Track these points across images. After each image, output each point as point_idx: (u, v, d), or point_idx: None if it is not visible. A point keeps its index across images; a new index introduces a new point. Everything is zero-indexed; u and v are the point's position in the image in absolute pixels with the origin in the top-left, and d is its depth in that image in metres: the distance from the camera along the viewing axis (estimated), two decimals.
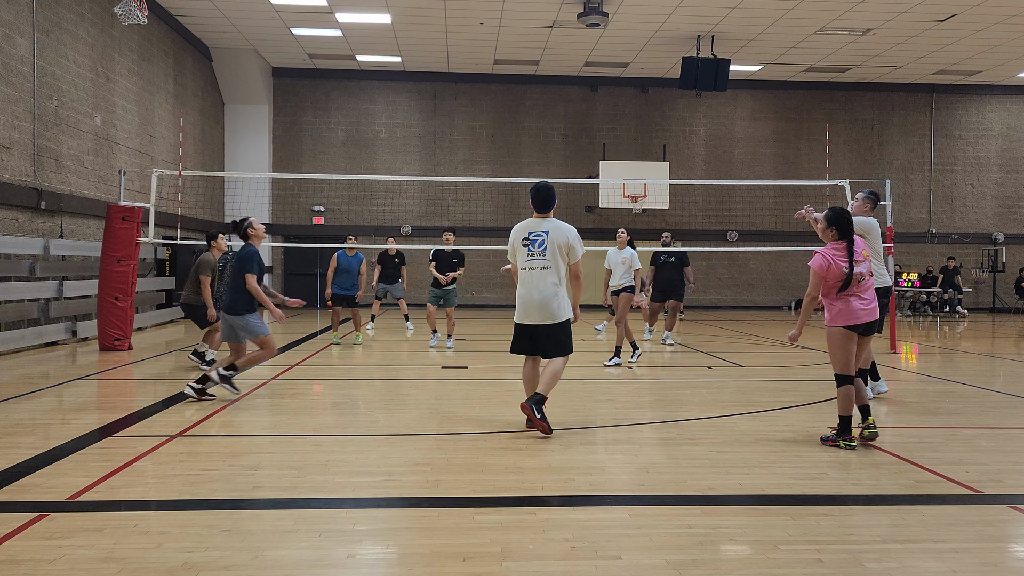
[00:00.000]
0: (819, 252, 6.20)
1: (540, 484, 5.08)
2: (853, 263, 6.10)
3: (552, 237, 6.58)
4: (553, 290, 6.53)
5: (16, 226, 12.53)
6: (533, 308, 6.56)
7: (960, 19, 18.43)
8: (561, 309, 6.57)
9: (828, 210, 6.32)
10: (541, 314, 6.55)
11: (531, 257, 6.59)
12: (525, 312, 6.62)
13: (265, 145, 23.66)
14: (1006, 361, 12.35)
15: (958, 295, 24.14)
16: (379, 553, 3.95)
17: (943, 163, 25.68)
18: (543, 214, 6.77)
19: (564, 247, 6.59)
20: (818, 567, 3.76)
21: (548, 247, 6.57)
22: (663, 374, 10.72)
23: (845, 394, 6.14)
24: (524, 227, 6.73)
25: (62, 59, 13.82)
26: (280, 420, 7.19)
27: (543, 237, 6.60)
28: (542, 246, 6.58)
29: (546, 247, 6.57)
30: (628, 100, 24.86)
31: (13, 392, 8.34)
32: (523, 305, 6.63)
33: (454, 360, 11.45)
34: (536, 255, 6.58)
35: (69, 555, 3.79)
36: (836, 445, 6.13)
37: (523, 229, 6.72)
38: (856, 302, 6.14)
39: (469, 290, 24.61)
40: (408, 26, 19.51)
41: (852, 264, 6.09)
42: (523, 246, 6.65)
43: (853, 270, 6.09)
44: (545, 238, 6.59)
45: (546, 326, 6.57)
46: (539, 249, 6.58)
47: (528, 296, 6.58)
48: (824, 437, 6.30)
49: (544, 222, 6.71)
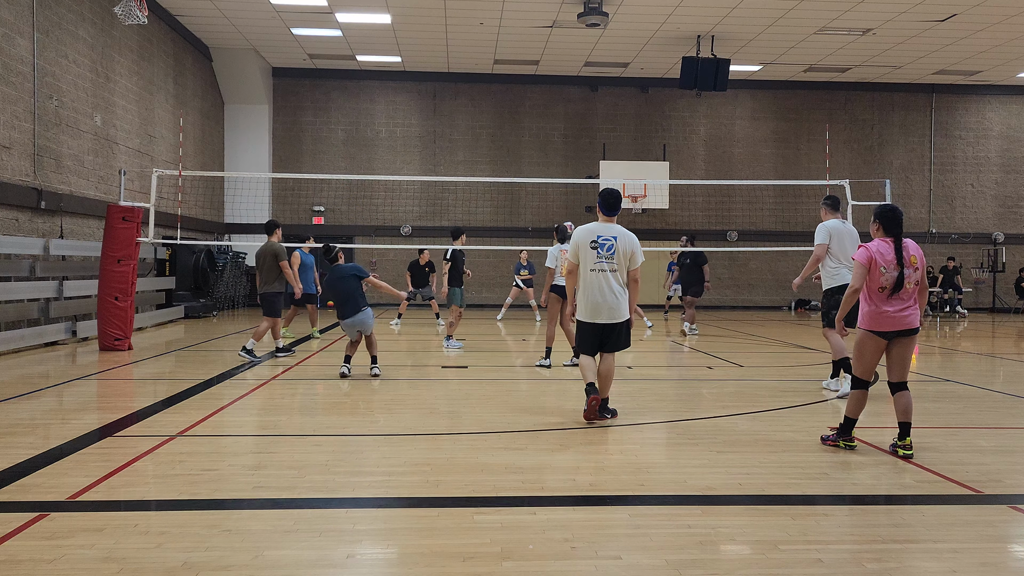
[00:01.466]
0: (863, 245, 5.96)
1: (540, 484, 5.07)
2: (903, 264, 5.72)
3: (620, 243, 6.93)
4: (621, 291, 6.94)
5: (16, 226, 12.54)
6: (604, 308, 6.92)
7: (960, 19, 18.43)
8: (626, 309, 6.99)
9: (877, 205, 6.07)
10: (611, 314, 6.92)
11: (599, 260, 6.90)
12: (595, 311, 6.95)
13: (265, 145, 23.66)
14: (1006, 361, 12.35)
15: (958, 295, 24.14)
16: (379, 553, 3.95)
17: (943, 163, 25.68)
18: (610, 218, 7.05)
19: (629, 253, 6.95)
20: (818, 567, 3.76)
21: (616, 252, 6.90)
22: (663, 374, 10.71)
23: (855, 397, 5.99)
24: (591, 230, 6.98)
25: (62, 59, 13.82)
26: (280, 420, 7.19)
27: (612, 242, 6.91)
28: (611, 250, 6.90)
29: (615, 251, 6.90)
30: (628, 100, 24.86)
31: (13, 392, 8.33)
32: (592, 305, 6.94)
33: (454, 360, 11.45)
34: (605, 258, 6.90)
35: (69, 555, 3.79)
36: (836, 445, 6.06)
37: (591, 232, 6.97)
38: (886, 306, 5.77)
39: (469, 290, 24.61)
40: (408, 26, 19.51)
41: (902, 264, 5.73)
42: (591, 248, 6.92)
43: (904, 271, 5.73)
44: (614, 243, 6.91)
45: (613, 324, 6.95)
46: (608, 253, 6.90)
47: (599, 297, 6.92)
48: (824, 436, 6.25)
49: (612, 227, 7.00)
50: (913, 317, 5.78)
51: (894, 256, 5.73)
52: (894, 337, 5.81)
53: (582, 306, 7.02)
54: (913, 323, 5.78)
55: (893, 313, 5.74)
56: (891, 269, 5.71)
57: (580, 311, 7.05)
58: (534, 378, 10.05)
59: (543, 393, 8.67)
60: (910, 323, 5.77)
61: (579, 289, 7.04)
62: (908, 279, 5.72)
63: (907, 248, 5.79)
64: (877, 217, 5.88)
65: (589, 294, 6.93)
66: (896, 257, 5.72)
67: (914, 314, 5.80)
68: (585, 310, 7.00)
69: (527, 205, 24.52)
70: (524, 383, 9.70)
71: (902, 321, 5.75)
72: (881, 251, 5.77)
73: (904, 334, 5.80)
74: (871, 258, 5.76)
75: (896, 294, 5.73)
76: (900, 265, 5.71)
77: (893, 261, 5.73)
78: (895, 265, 5.71)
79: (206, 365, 10.82)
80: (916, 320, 5.80)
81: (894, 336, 5.81)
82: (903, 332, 5.79)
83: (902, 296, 5.75)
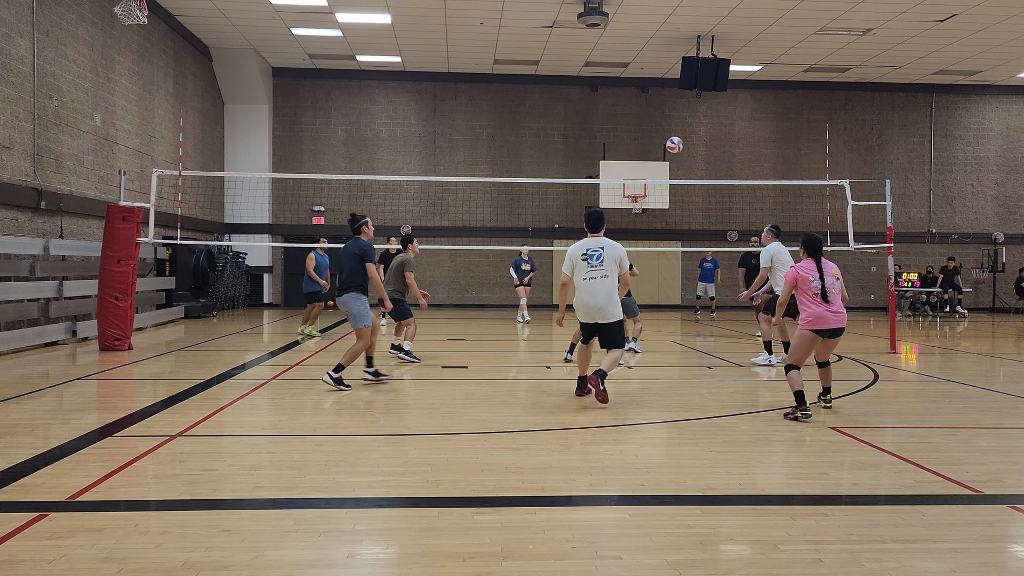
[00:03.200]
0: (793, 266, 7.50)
1: (540, 484, 5.07)
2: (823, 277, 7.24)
3: (608, 252, 7.83)
4: (610, 296, 7.76)
5: (16, 226, 12.53)
6: (594, 311, 7.78)
7: (960, 19, 18.43)
8: (616, 311, 7.81)
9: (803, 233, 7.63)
10: (601, 315, 7.77)
11: (591, 268, 7.79)
12: (588, 314, 7.84)
13: (265, 145, 23.66)
14: (1006, 361, 12.35)
15: (958, 295, 24.13)
16: (379, 553, 3.95)
17: (943, 163, 25.68)
18: (595, 233, 7.97)
19: (617, 259, 7.85)
20: (818, 567, 3.76)
21: (605, 260, 7.79)
22: (663, 374, 10.72)
23: (795, 376, 7.24)
24: (582, 245, 7.93)
25: (62, 59, 13.82)
26: (280, 420, 7.19)
27: (600, 252, 7.82)
28: (599, 259, 7.80)
29: (603, 259, 7.79)
30: (628, 100, 24.86)
31: (13, 392, 8.33)
32: (586, 309, 7.82)
33: (454, 360, 11.45)
34: (595, 267, 7.79)
35: (69, 555, 3.79)
36: (795, 418, 7.08)
37: (581, 247, 7.92)
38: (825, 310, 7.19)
39: (469, 290, 24.63)
40: (408, 26, 19.51)
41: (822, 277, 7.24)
42: (583, 260, 7.83)
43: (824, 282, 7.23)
44: (602, 253, 7.82)
45: (605, 324, 7.81)
46: (597, 262, 7.80)
47: (590, 301, 7.77)
48: (785, 413, 7.24)
49: (599, 240, 7.92)
50: (843, 318, 7.25)
51: (817, 272, 7.27)
52: (828, 336, 7.27)
53: (579, 309, 7.92)
54: (843, 323, 7.27)
55: (830, 317, 7.16)
56: (816, 280, 7.24)
57: (578, 313, 7.96)
58: (534, 378, 10.06)
59: (543, 393, 8.67)
60: (841, 323, 7.23)
61: (575, 296, 7.93)
62: (831, 287, 7.23)
63: (825, 265, 7.35)
64: (803, 245, 7.49)
65: (582, 298, 7.83)
66: (818, 272, 7.26)
67: (843, 315, 7.27)
68: (581, 312, 7.91)
69: (527, 205, 24.52)
70: (524, 383, 9.71)
71: (838, 322, 7.21)
72: (807, 268, 7.32)
73: (837, 333, 7.27)
74: (796, 276, 7.34)
75: (827, 299, 7.17)
76: (821, 278, 7.22)
77: (816, 275, 7.26)
78: (818, 277, 7.24)
79: (206, 365, 10.83)
80: (845, 321, 7.29)
81: (829, 335, 7.26)
82: (837, 331, 7.25)
83: (832, 301, 7.18)
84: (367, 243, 8.88)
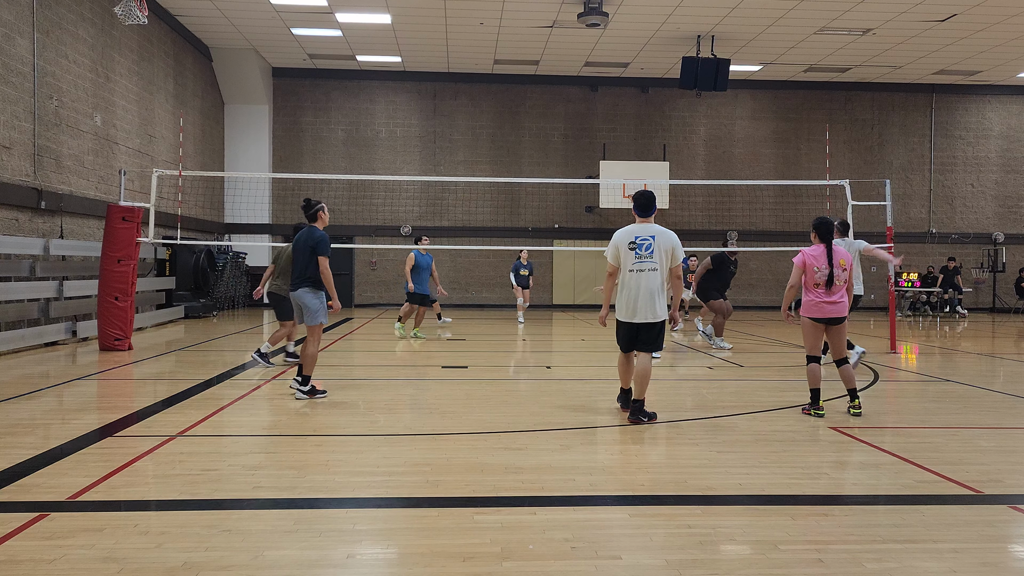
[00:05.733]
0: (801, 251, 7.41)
1: (540, 484, 5.07)
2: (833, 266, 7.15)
3: (659, 241, 6.94)
4: (658, 291, 6.95)
5: (16, 226, 12.53)
6: (641, 307, 6.93)
7: (960, 19, 18.43)
8: (662, 309, 7.04)
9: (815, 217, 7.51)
10: (647, 312, 6.93)
11: (639, 259, 6.93)
12: (632, 311, 6.98)
13: (265, 145, 23.66)
14: (1006, 361, 12.34)
15: (958, 295, 24.13)
16: (379, 553, 3.94)
17: (943, 163, 25.68)
18: (645, 218, 7.08)
19: (669, 250, 6.96)
20: (818, 567, 3.76)
21: (655, 250, 6.92)
22: (663, 374, 10.71)
23: (812, 371, 7.24)
24: (630, 232, 7.02)
25: (62, 59, 13.82)
26: (280, 420, 7.19)
27: (650, 241, 6.93)
28: (649, 249, 6.92)
29: (653, 250, 6.92)
30: (628, 100, 24.86)
31: (13, 392, 8.33)
32: (630, 304, 6.98)
33: (454, 360, 11.45)
34: (644, 258, 6.92)
35: (69, 555, 3.79)
36: (809, 414, 7.25)
37: (629, 234, 7.01)
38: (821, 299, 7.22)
39: (469, 290, 24.62)
40: (408, 26, 19.51)
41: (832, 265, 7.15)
42: (630, 249, 6.96)
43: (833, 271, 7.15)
44: (652, 242, 6.92)
45: (648, 324, 6.98)
46: (647, 252, 6.92)
47: (636, 296, 6.93)
48: (803, 408, 7.43)
49: (650, 227, 7.03)
50: (842, 307, 7.20)
51: (826, 259, 7.18)
52: (827, 324, 7.24)
53: (620, 305, 7.08)
54: (842, 312, 7.21)
55: (827, 305, 7.16)
56: (823, 269, 7.16)
57: (619, 310, 7.11)
58: (534, 378, 10.06)
59: (543, 393, 8.67)
60: (839, 312, 7.19)
61: (618, 290, 7.11)
62: (837, 277, 7.16)
63: (836, 253, 7.24)
64: (814, 227, 7.36)
65: (627, 293, 6.99)
66: (827, 260, 7.16)
67: (843, 305, 7.21)
68: (623, 309, 7.06)
69: (527, 205, 24.52)
70: (524, 383, 9.71)
71: (833, 311, 7.19)
72: (815, 255, 7.23)
73: (835, 321, 7.23)
74: (804, 261, 7.25)
75: (828, 289, 7.15)
76: (831, 266, 7.14)
77: (825, 263, 7.17)
78: (827, 266, 7.16)
79: (206, 365, 10.82)
80: (844, 311, 7.22)
81: (827, 323, 7.23)
82: (833, 320, 7.21)
83: (833, 291, 7.17)
84: (322, 233, 8.12)
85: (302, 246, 8.10)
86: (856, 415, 7.22)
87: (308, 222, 8.35)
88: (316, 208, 8.34)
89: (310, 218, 8.32)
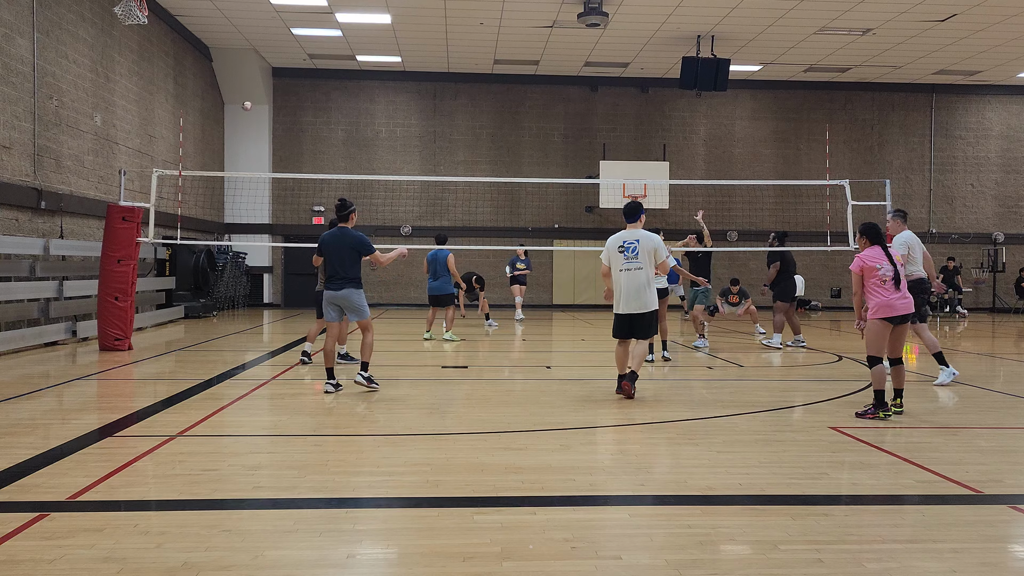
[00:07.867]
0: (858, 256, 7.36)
1: (540, 484, 5.07)
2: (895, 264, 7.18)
3: (643, 244, 8.08)
4: (645, 286, 8.07)
5: (16, 226, 12.53)
6: (632, 300, 8.07)
7: (960, 19, 18.43)
8: (651, 301, 8.11)
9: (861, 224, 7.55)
10: (637, 304, 8.06)
11: (627, 260, 8.09)
12: (625, 304, 8.10)
13: (265, 145, 23.67)
14: (1006, 361, 12.34)
15: (958, 295, 24.13)
16: (379, 553, 3.94)
17: (943, 163, 25.68)
18: (632, 224, 8.22)
19: (651, 250, 8.08)
20: (818, 567, 3.76)
21: (640, 252, 8.05)
22: (663, 374, 10.71)
23: (876, 373, 7.20)
24: (619, 237, 8.20)
25: (62, 59, 13.82)
26: (280, 420, 7.19)
27: (635, 244, 8.08)
28: (634, 251, 8.07)
29: (638, 252, 8.05)
30: (628, 100, 24.85)
31: (13, 392, 8.33)
32: (624, 299, 8.10)
33: (454, 360, 11.45)
34: (631, 259, 8.07)
35: (69, 555, 3.79)
36: (875, 416, 7.09)
37: (618, 239, 8.19)
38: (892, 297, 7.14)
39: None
40: (408, 26, 19.51)
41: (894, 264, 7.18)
42: (619, 252, 8.13)
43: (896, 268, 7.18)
44: (637, 245, 8.07)
45: (640, 314, 8.09)
46: (632, 254, 8.08)
47: (627, 291, 8.07)
48: (859, 412, 7.23)
49: (635, 232, 8.18)
50: (910, 303, 7.25)
51: (886, 259, 7.20)
52: (898, 323, 7.22)
53: (616, 300, 8.20)
54: (911, 308, 7.26)
55: (899, 304, 7.13)
56: (887, 267, 7.16)
57: (615, 305, 8.22)
58: (534, 378, 10.06)
59: (543, 393, 8.67)
60: (909, 308, 7.23)
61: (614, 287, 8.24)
62: (902, 273, 7.24)
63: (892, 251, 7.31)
64: (863, 233, 7.38)
65: (620, 289, 8.13)
66: (888, 259, 7.20)
67: (911, 301, 7.26)
68: (618, 303, 8.17)
69: (527, 205, 24.51)
70: (524, 383, 9.71)
71: (904, 307, 7.18)
72: (873, 256, 7.22)
73: (905, 319, 7.24)
74: (863, 266, 7.25)
75: (897, 287, 7.13)
76: (893, 264, 7.17)
77: (887, 262, 7.19)
78: (889, 264, 7.17)
79: (206, 365, 10.82)
80: (912, 306, 7.28)
81: (899, 321, 7.21)
82: (905, 317, 7.22)
83: (900, 288, 7.16)
84: (359, 233, 8.45)
85: (338, 246, 8.34)
86: (898, 413, 7.27)
87: (339, 222, 8.54)
88: (350, 209, 8.55)
89: (343, 218, 8.52)
